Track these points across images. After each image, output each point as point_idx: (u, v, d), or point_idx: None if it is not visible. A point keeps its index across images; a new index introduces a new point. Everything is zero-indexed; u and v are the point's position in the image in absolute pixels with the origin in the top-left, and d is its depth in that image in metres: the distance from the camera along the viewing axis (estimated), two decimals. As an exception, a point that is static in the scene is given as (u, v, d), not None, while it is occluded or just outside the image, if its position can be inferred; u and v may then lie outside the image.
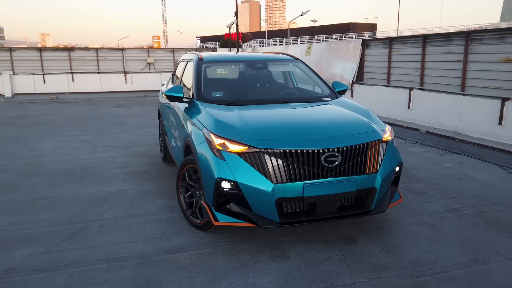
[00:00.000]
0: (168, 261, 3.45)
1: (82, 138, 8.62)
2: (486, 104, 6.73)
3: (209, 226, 3.90)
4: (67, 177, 5.83)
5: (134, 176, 5.88)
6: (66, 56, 18.72)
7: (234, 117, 3.86)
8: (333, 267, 3.33)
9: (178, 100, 4.50)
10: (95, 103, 15.47)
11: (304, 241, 3.79)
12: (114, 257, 3.52)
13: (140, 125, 10.40)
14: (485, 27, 39.90)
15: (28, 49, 19.44)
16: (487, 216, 4.32)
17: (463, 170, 6.04)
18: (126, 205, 4.72)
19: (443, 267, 3.31)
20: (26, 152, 7.36)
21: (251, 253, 3.57)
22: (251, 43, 46.62)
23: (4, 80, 16.25)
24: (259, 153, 3.40)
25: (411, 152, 7.22)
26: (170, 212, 4.51)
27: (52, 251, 3.63)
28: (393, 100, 8.97)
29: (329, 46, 13.06)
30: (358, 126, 3.83)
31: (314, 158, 3.41)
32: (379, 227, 4.09)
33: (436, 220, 4.24)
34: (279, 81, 5.38)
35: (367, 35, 44.58)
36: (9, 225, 4.19)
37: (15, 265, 3.38)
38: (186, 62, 5.54)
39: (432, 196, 4.96)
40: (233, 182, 3.42)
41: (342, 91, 4.96)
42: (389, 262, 3.42)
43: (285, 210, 3.48)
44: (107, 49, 19.75)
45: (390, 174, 3.78)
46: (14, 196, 5.06)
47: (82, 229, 4.09)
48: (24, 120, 11.33)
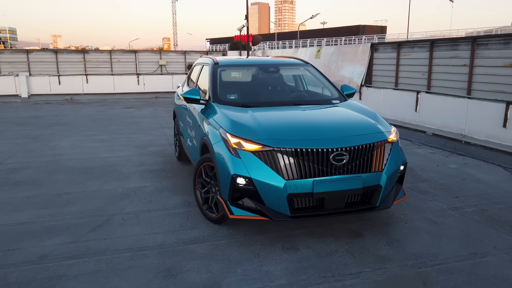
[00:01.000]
0: (187, 251, 3.73)
1: (99, 138, 8.96)
2: (491, 107, 6.93)
3: (224, 219, 4.17)
4: (88, 174, 6.15)
5: (151, 174, 6.18)
6: (80, 58, 19.20)
7: (248, 118, 4.13)
8: (340, 258, 3.58)
9: (195, 102, 4.79)
10: (108, 104, 15.86)
11: (313, 234, 4.05)
12: (137, 246, 3.80)
13: (154, 125, 10.73)
14: (495, 30, 39.73)
15: (44, 51, 19.97)
16: (488, 214, 4.54)
17: (467, 171, 6.24)
18: (145, 201, 5.02)
19: (443, 259, 3.55)
20: (47, 151, 7.71)
21: (264, 245, 3.84)
22: (260, 45, 46.98)
23: (21, 81, 16.74)
24: (272, 152, 3.67)
25: (417, 154, 7.43)
26: (186, 207, 4.79)
27: (80, 240, 3.93)
28: (401, 103, 9.18)
29: (338, 49, 13.30)
30: (365, 127, 4.08)
31: (323, 156, 3.67)
32: (385, 223, 4.33)
33: (439, 217, 4.47)
34: (290, 84, 5.64)
35: (377, 37, 44.66)
36: (38, 217, 4.50)
37: (47, 252, 3.68)
38: (201, 65, 5.83)
39: (436, 195, 5.18)
40: (248, 178, 3.69)
41: (350, 94, 5.21)
42: (393, 254, 3.66)
43: (295, 205, 3.74)
44: (120, 51, 20.21)
45: (395, 173, 4.02)
46: (40, 191, 5.38)
47: (105, 221, 4.39)
48: (42, 120, 11.73)
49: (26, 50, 18.81)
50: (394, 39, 46.33)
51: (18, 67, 18.09)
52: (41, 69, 18.31)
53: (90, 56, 19.45)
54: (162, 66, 20.58)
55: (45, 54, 19.16)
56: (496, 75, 7.90)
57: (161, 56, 20.95)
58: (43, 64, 18.50)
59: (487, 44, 8.09)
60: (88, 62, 19.25)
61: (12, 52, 19.97)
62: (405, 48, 10.57)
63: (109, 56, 19.73)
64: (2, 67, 18.35)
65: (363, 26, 62.87)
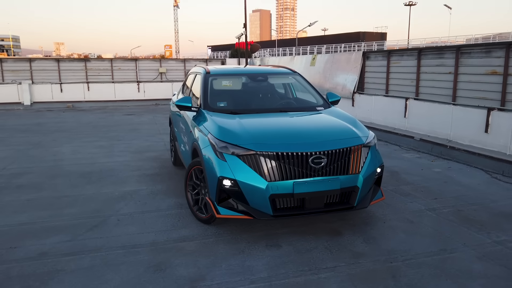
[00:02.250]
0: (176, 248, 4.01)
1: (98, 144, 9.26)
2: (474, 114, 7.21)
3: (212, 219, 4.45)
4: (87, 178, 6.45)
5: (146, 178, 6.46)
6: (82, 66, 19.58)
7: (235, 124, 4.42)
8: (318, 254, 3.86)
9: (187, 109, 5.10)
10: (109, 111, 16.20)
11: (296, 233, 4.32)
12: (130, 244, 4.08)
13: (152, 132, 11.03)
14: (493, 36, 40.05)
15: (47, 59, 20.39)
16: (462, 214, 4.81)
17: (450, 175, 6.51)
18: (140, 203, 5.30)
19: (414, 255, 3.82)
20: (49, 156, 8.01)
21: (249, 243, 4.11)
22: (260, 52, 47.46)
23: (24, 89, 17.10)
24: (255, 155, 3.95)
25: (404, 158, 7.71)
26: (179, 209, 5.07)
27: (77, 239, 4.21)
28: (391, 109, 9.47)
29: (332, 57, 13.63)
30: (343, 132, 4.37)
31: (302, 159, 3.96)
32: (364, 222, 4.60)
33: (415, 217, 4.74)
34: (278, 92, 5.94)
35: (376, 44, 45.03)
36: (38, 218, 4.79)
37: (46, 250, 3.97)
38: (195, 74, 6.14)
39: (416, 197, 5.45)
40: (233, 180, 3.97)
41: (335, 101, 5.51)
42: (367, 250, 3.93)
43: (278, 205, 4.02)
44: (121, 59, 20.61)
45: (371, 175, 4.30)
46: (41, 194, 5.67)
47: (102, 222, 4.67)
48: (44, 127, 12.05)
49: (29, 59, 19.23)
50: (393, 45, 46.74)
51: (21, 75, 18.48)
52: (43, 77, 18.69)
53: (92, 64, 19.84)
54: (162, 74, 20.96)
55: (48, 62, 19.57)
56: (479, 83, 8.19)
57: (161, 64, 21.34)
58: (45, 72, 18.89)
59: (470, 52, 8.39)
60: (90, 70, 19.63)
61: (15, 60, 20.39)
62: (394, 56, 10.89)
63: (110, 64, 20.12)
64: (5, 75, 18.74)
65: (363, 33, 63.29)
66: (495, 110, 6.83)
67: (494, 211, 4.91)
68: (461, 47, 8.61)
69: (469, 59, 8.42)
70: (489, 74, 7.94)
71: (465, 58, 8.50)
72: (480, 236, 4.21)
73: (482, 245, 4.02)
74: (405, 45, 43.86)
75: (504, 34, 43.32)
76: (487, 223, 4.55)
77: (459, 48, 8.61)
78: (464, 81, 8.54)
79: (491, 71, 7.86)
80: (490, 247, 3.97)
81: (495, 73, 7.81)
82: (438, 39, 42.66)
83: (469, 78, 8.42)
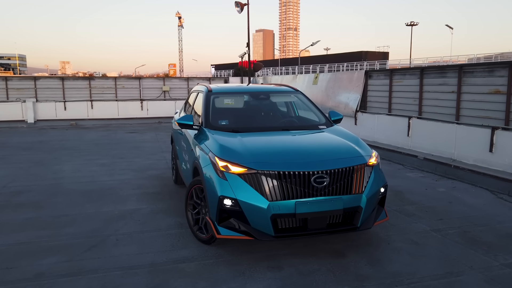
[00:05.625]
0: (175, 269, 3.91)
1: (100, 162, 9.23)
2: (478, 133, 7.14)
3: (213, 240, 4.36)
4: (87, 197, 6.38)
5: (147, 196, 6.40)
6: (86, 84, 19.75)
7: (236, 142, 4.38)
8: (321, 277, 3.75)
9: (189, 127, 5.07)
10: (112, 129, 16.23)
11: (297, 254, 4.22)
12: (129, 265, 3.99)
13: (154, 150, 11.00)
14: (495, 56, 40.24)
15: (51, 78, 20.60)
16: (469, 236, 4.69)
17: (455, 194, 6.40)
18: (140, 222, 5.22)
19: (420, 278, 3.70)
20: (49, 174, 7.97)
21: (250, 264, 4.01)
22: (263, 71, 47.83)
23: (28, 107, 17.22)
24: (257, 174, 3.89)
25: (408, 177, 7.61)
26: (179, 228, 4.98)
27: (75, 259, 4.12)
28: (394, 128, 9.42)
29: (334, 76, 13.69)
30: (346, 151, 4.31)
31: (305, 179, 3.89)
32: (368, 243, 4.50)
33: (421, 239, 4.63)
34: (280, 111, 5.91)
35: (378, 63, 45.31)
36: (37, 237, 4.71)
37: (43, 270, 3.88)
38: (197, 93, 6.14)
39: (421, 217, 5.35)
40: (234, 200, 3.90)
41: (337, 120, 5.47)
42: (372, 273, 3.82)
43: (279, 225, 3.93)
44: (125, 78, 20.78)
45: (375, 195, 4.22)
46: (40, 213, 5.61)
47: (100, 242, 4.59)
48: (47, 145, 12.05)
49: (34, 77, 19.42)
50: (395, 64, 47.01)
51: (26, 93, 18.63)
52: (47, 95, 18.84)
53: (96, 83, 20.01)
54: (166, 92, 21.08)
55: (52, 80, 19.76)
56: (482, 102, 8.16)
57: (164, 82, 21.49)
58: (50, 90, 19.05)
59: (473, 72, 8.38)
60: (94, 88, 19.79)
61: (20, 79, 20.60)
62: (397, 75, 10.91)
63: (114, 83, 20.28)
64: (10, 93, 18.90)
65: (365, 52, 63.73)
66: (499, 130, 6.77)
67: (500, 233, 4.80)
68: (464, 66, 8.62)
69: (471, 78, 8.41)
70: (492, 93, 7.92)
71: (468, 77, 8.49)
72: (487, 259, 4.10)
73: (490, 268, 3.91)
74: (407, 64, 44.11)
75: (506, 53, 43.58)
76: (494, 245, 4.44)
77: (462, 67, 8.61)
78: (467, 100, 8.51)
79: (494, 90, 7.83)
80: (497, 270, 3.86)
81: (499, 92, 7.78)
82: (440, 58, 42.95)
83: (472, 97, 8.39)
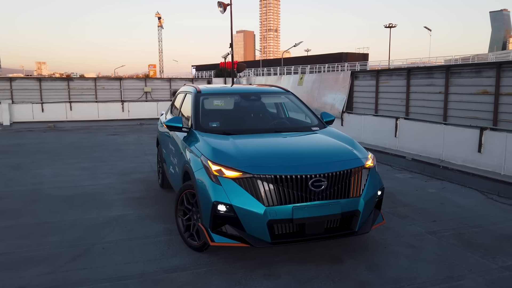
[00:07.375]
0: (167, 279, 3.72)
1: (81, 166, 8.90)
2: (466, 133, 7.16)
3: (205, 247, 4.18)
4: (69, 202, 6.10)
5: (133, 201, 6.15)
6: (64, 85, 19.20)
7: (229, 145, 4.21)
8: (320, 284, 3.62)
9: (178, 129, 4.86)
10: (92, 131, 15.79)
11: (294, 260, 4.08)
12: (117, 276, 3.77)
13: (137, 152, 10.71)
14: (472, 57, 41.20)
15: (28, 79, 19.95)
16: (464, 238, 4.65)
17: (445, 195, 6.39)
18: (127, 229, 4.99)
19: (420, 283, 3.61)
20: (28, 179, 7.62)
21: (245, 272, 3.85)
22: (245, 72, 47.63)
23: (3, 109, 16.59)
24: (252, 179, 3.73)
25: (397, 179, 7.58)
26: (168, 235, 4.78)
27: (59, 271, 3.88)
28: (381, 129, 9.40)
29: (320, 77, 13.64)
30: (343, 153, 4.20)
31: (302, 183, 3.75)
32: (364, 248, 4.39)
33: (417, 241, 4.56)
34: (272, 112, 5.77)
35: (359, 64, 45.75)
36: (17, 247, 4.43)
37: (24, 284, 3.63)
38: (184, 94, 5.93)
39: (415, 219, 5.28)
40: (229, 205, 3.73)
41: (329, 121, 5.36)
42: (371, 279, 3.71)
43: (276, 231, 3.78)
44: (105, 79, 20.30)
45: (372, 198, 4.12)
46: (20, 221, 5.31)
47: (85, 251, 4.34)
48: (24, 148, 11.60)
49: (10, 78, 18.75)
50: (375, 65, 47.57)
51: (1, 94, 17.96)
52: (24, 97, 18.20)
53: (75, 84, 19.47)
54: (147, 93, 20.68)
55: (29, 81, 19.12)
56: (470, 102, 8.21)
57: (146, 83, 21.08)
58: (26, 92, 18.41)
59: (460, 72, 8.43)
60: (73, 90, 19.24)
61: (-5, 79, 19.85)
62: (383, 76, 10.92)
63: (93, 84, 19.78)
64: (-16, 95, 18.18)
65: (346, 54, 64.28)
66: (487, 130, 6.79)
67: (495, 234, 4.77)
68: (451, 67, 8.66)
69: (459, 78, 8.45)
70: (480, 94, 7.96)
71: (455, 78, 8.53)
72: (486, 262, 4.04)
73: (489, 271, 3.85)
74: (387, 66, 44.69)
75: (481, 55, 44.81)
76: (490, 247, 4.40)
77: (449, 68, 8.65)
78: (454, 100, 8.55)
79: (482, 91, 7.88)
80: (497, 273, 3.80)
81: (486, 93, 7.83)
82: (420, 59, 43.58)
83: (459, 97, 8.43)
